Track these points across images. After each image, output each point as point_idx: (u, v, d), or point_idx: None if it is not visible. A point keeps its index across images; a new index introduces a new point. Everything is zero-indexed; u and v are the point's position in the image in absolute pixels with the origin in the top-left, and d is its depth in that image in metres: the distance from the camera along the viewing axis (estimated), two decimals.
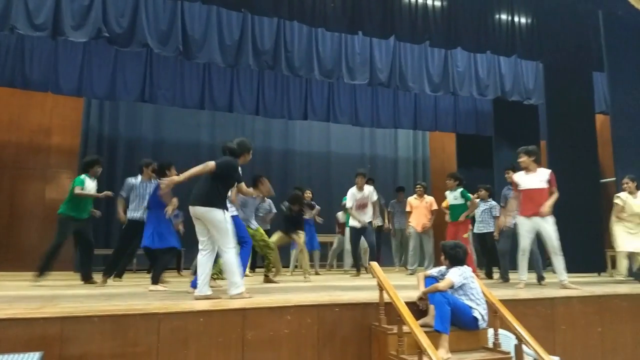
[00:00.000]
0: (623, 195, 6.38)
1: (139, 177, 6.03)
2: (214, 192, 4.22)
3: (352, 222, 7.51)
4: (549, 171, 5.61)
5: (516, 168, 6.00)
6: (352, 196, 7.40)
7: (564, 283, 5.29)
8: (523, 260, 5.62)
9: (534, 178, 5.57)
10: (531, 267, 5.87)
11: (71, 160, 8.96)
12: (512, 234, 6.16)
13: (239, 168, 4.48)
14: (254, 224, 6.20)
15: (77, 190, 5.81)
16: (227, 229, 4.23)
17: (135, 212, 5.87)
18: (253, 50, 7.86)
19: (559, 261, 5.39)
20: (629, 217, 6.26)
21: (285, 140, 10.97)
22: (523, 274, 5.58)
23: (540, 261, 6.20)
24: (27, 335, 3.08)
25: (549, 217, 5.43)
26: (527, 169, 5.65)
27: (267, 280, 6.22)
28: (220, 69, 8.81)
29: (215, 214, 4.17)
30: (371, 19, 7.69)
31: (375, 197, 7.47)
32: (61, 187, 8.67)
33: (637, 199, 6.32)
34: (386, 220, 9.15)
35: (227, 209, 4.31)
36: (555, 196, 5.48)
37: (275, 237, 6.92)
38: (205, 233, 4.26)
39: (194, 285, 4.67)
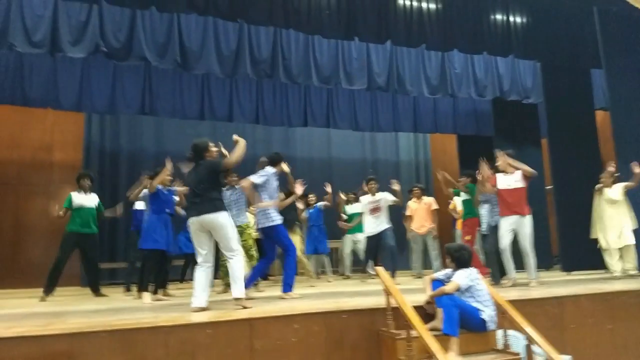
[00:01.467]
0: (598, 186, 6.85)
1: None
2: (217, 196, 4.24)
3: (368, 230, 7.26)
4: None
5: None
6: (365, 200, 7.33)
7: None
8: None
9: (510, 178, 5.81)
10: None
11: (74, 175, 8.88)
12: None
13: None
14: (242, 220, 6.01)
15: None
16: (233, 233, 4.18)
17: None
18: (251, 60, 7.85)
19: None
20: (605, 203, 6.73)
21: (286, 148, 10.92)
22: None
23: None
24: (37, 353, 3.08)
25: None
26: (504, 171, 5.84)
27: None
28: (219, 79, 8.82)
29: (223, 218, 4.12)
30: (366, 24, 7.67)
31: (390, 198, 7.28)
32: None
33: (612, 189, 6.69)
34: None
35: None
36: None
37: None
38: (207, 245, 4.17)
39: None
